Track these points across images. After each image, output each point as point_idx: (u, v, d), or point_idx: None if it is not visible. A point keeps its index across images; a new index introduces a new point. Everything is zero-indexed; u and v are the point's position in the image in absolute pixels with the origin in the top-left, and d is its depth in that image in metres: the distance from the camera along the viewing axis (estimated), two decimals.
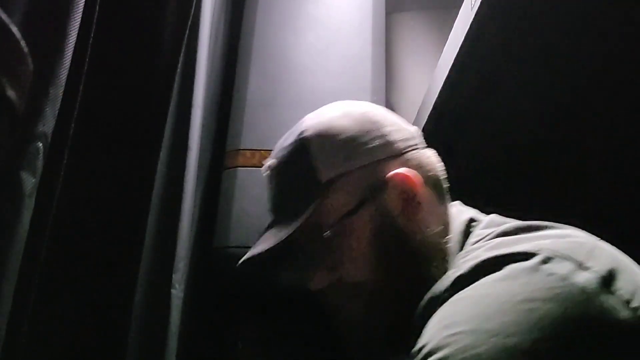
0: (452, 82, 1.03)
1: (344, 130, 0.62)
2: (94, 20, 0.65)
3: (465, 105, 1.09)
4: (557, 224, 0.52)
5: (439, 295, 0.48)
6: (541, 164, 1.24)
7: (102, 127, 0.79)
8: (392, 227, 0.58)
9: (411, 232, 0.58)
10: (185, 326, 0.89)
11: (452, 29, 1.01)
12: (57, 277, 0.70)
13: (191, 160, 0.95)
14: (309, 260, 0.62)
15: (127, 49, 0.84)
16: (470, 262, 0.47)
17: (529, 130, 1.15)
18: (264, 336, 1.50)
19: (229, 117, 1.38)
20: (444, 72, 1.04)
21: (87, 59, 0.63)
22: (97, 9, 0.65)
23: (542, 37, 0.87)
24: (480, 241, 0.53)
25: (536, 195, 1.32)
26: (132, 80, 0.85)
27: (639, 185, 1.17)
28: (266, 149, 1.30)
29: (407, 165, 0.61)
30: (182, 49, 0.93)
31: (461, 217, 0.60)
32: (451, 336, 0.42)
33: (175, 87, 0.94)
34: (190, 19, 0.95)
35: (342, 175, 0.59)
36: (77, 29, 0.57)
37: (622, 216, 1.26)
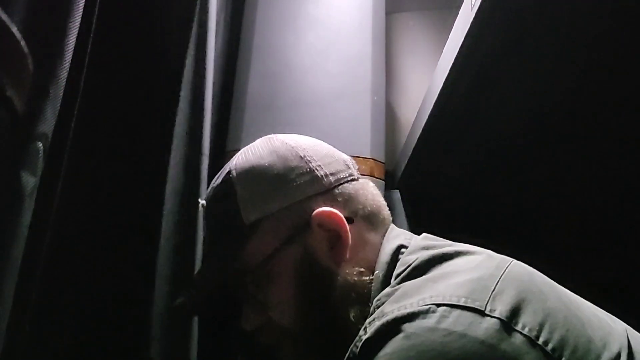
0: (452, 82, 1.03)
1: (269, 168, 0.60)
2: (94, 20, 0.65)
3: (465, 105, 1.09)
4: (471, 248, 0.52)
5: (353, 358, 0.47)
6: (541, 163, 1.24)
7: (102, 127, 0.79)
8: (316, 269, 0.57)
9: (336, 273, 0.57)
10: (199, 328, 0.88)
11: (452, 29, 1.01)
12: (58, 277, 0.70)
13: (204, 165, 0.94)
14: (238, 299, 0.61)
15: (127, 49, 0.84)
16: (376, 323, 0.46)
17: (529, 130, 1.15)
18: (264, 346, 1.49)
19: (229, 117, 1.38)
20: (444, 72, 1.04)
21: (87, 59, 0.64)
22: (97, 9, 0.65)
23: (542, 37, 0.87)
24: (400, 275, 0.52)
25: (535, 194, 1.32)
26: (132, 80, 0.85)
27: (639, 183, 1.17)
28: None
29: (336, 200, 0.59)
30: (189, 49, 0.92)
31: (389, 246, 0.58)
32: None
33: (185, 92, 0.92)
34: (189, 17, 0.95)
35: (266, 217, 0.57)
36: (77, 30, 0.58)
37: (621, 214, 1.26)
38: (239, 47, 1.46)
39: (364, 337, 0.46)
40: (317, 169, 0.60)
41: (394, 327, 0.44)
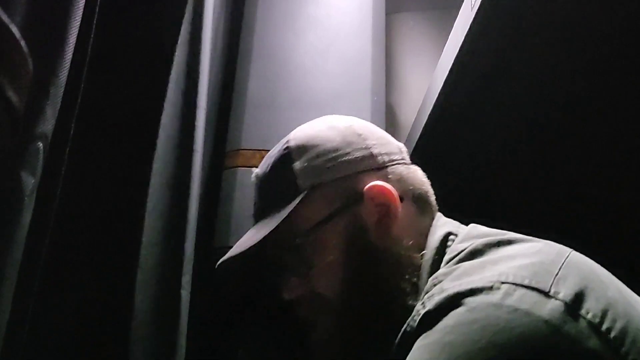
0: (452, 82, 1.03)
1: (327, 141, 0.62)
2: (94, 20, 0.65)
3: (465, 105, 1.09)
4: (528, 237, 0.51)
5: (410, 332, 0.47)
6: (541, 163, 1.24)
7: (102, 127, 0.80)
8: (365, 239, 0.58)
9: (383, 245, 0.57)
10: (189, 326, 0.89)
11: (452, 29, 1.01)
12: (58, 277, 0.70)
13: (196, 162, 0.95)
14: (283, 267, 0.61)
15: (127, 49, 0.84)
16: (435, 298, 0.46)
17: (529, 130, 1.15)
18: (264, 340, 1.50)
19: (229, 117, 1.38)
20: (444, 72, 1.04)
21: (87, 59, 0.64)
22: (97, 9, 0.65)
23: (543, 37, 0.87)
24: (453, 259, 0.52)
25: (536, 194, 1.32)
26: (132, 80, 0.85)
27: None
28: (266, 149, 1.29)
29: (388, 178, 0.61)
30: (176, 47, 0.93)
31: (438, 232, 0.59)
32: None
33: (179, 89, 0.93)
34: (190, 18, 0.95)
35: (320, 184, 0.59)
36: (77, 30, 0.58)
37: (626, 212, 1.26)
38: (239, 47, 1.46)
39: (423, 311, 0.46)
40: (372, 147, 0.62)
41: (456, 300, 0.44)
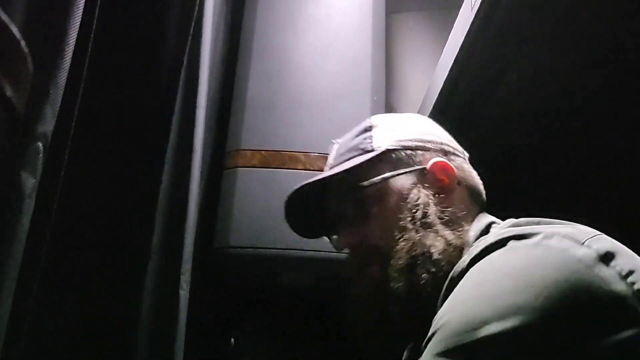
0: (452, 82, 1.03)
1: (405, 121, 0.74)
2: (94, 20, 0.65)
3: (465, 105, 1.09)
4: (564, 221, 0.55)
5: (456, 277, 0.53)
6: (541, 164, 1.24)
7: (102, 127, 0.79)
8: (421, 201, 0.64)
9: (436, 210, 0.64)
10: (188, 325, 0.89)
11: (452, 29, 1.01)
12: (58, 277, 0.70)
13: (196, 161, 0.95)
14: (342, 214, 0.68)
15: (127, 50, 0.84)
16: (480, 245, 0.53)
17: (529, 130, 1.15)
18: (258, 333, 1.50)
19: (229, 117, 1.38)
20: (444, 72, 1.04)
21: (87, 60, 0.63)
22: (97, 9, 0.65)
23: (542, 37, 0.87)
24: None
25: (537, 195, 1.32)
26: (132, 80, 0.85)
27: None
28: (266, 149, 1.30)
29: (451, 162, 0.69)
30: (187, 49, 0.93)
31: (484, 220, 0.65)
32: (459, 305, 0.47)
33: (179, 88, 0.93)
34: (194, 19, 0.95)
35: (392, 150, 0.68)
36: (77, 30, 0.57)
37: (626, 215, 1.26)
38: (239, 47, 1.46)
39: (470, 257, 0.52)
40: (442, 137, 0.72)
41: (500, 244, 0.50)
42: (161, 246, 0.88)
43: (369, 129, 0.71)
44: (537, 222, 0.54)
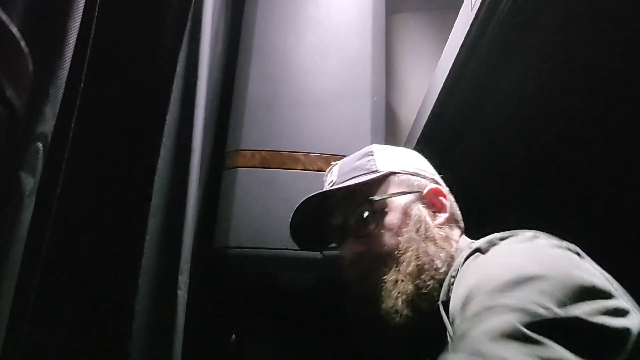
0: (452, 83, 1.03)
1: (401, 152, 0.85)
2: (94, 20, 0.65)
3: (465, 105, 1.09)
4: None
5: (455, 275, 0.64)
6: (540, 165, 1.24)
7: (102, 127, 0.79)
8: (422, 217, 0.75)
9: (433, 226, 0.75)
10: (186, 326, 0.90)
11: (452, 29, 1.01)
12: (57, 277, 0.70)
13: (194, 161, 0.95)
14: (349, 223, 0.77)
15: (127, 49, 0.84)
16: (478, 242, 0.64)
17: (528, 131, 1.15)
18: (258, 333, 1.50)
19: (229, 117, 1.38)
20: (444, 73, 1.04)
21: (87, 60, 0.63)
22: (97, 9, 0.65)
23: (542, 37, 0.87)
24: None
25: (534, 197, 1.32)
26: (132, 80, 0.85)
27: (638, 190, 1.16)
28: (266, 149, 1.30)
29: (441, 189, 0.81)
30: (181, 48, 0.93)
31: (467, 239, 0.76)
32: (483, 276, 0.57)
33: (178, 88, 0.94)
34: (189, 18, 0.95)
35: (396, 172, 0.78)
36: (77, 30, 0.57)
37: (620, 220, 1.26)
38: (239, 48, 1.46)
39: (473, 248, 0.63)
40: (431, 169, 0.84)
41: (500, 239, 0.62)
42: (160, 246, 0.88)
43: (371, 154, 0.81)
44: (511, 235, 0.65)
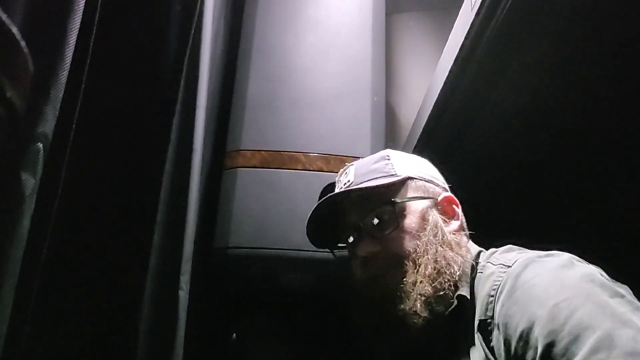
0: (452, 83, 1.03)
1: (416, 159, 0.87)
2: (95, 20, 0.65)
3: (465, 106, 1.09)
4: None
5: (498, 287, 0.66)
6: (540, 165, 1.24)
7: (102, 128, 0.79)
8: (438, 223, 0.77)
9: (448, 232, 0.77)
10: (187, 326, 0.90)
11: (452, 29, 1.01)
12: (58, 277, 0.70)
13: (195, 161, 0.95)
14: (367, 223, 0.78)
15: (128, 49, 0.84)
16: (512, 259, 0.68)
17: (528, 131, 1.15)
18: (259, 330, 1.50)
19: (229, 117, 1.38)
20: (444, 73, 1.04)
21: (87, 60, 0.63)
22: (98, 9, 0.65)
23: (542, 37, 0.87)
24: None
25: (534, 198, 1.32)
26: (132, 80, 0.85)
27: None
28: (266, 149, 1.30)
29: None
30: (188, 49, 0.93)
31: (475, 247, 0.80)
32: (538, 312, 0.59)
33: (179, 88, 0.93)
34: (195, 20, 0.95)
35: (412, 178, 0.80)
36: (77, 30, 0.57)
37: (620, 220, 1.26)
38: (239, 48, 1.46)
39: (507, 266, 0.67)
40: (442, 179, 0.87)
41: (529, 260, 0.65)
42: (161, 246, 0.88)
43: (387, 158, 0.83)
44: (509, 249, 0.72)
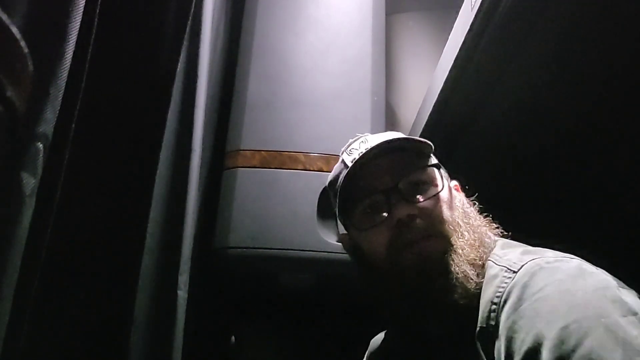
0: (452, 83, 1.03)
1: None
2: (95, 21, 0.65)
3: (465, 106, 1.09)
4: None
5: (503, 292, 0.63)
6: (540, 165, 1.24)
7: (102, 127, 0.79)
8: (461, 197, 0.79)
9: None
10: (186, 326, 0.90)
11: (452, 29, 1.01)
12: (57, 277, 0.70)
13: (194, 161, 0.95)
14: (404, 186, 0.75)
15: (128, 50, 0.84)
16: (517, 262, 0.65)
17: (528, 131, 1.15)
18: (258, 334, 1.50)
19: (229, 117, 1.38)
20: (444, 73, 1.04)
21: (87, 60, 0.63)
22: (97, 9, 0.65)
23: (542, 37, 0.87)
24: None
25: (534, 197, 1.32)
26: (132, 80, 0.85)
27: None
28: (266, 149, 1.30)
29: None
30: (182, 48, 0.93)
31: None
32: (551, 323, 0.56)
33: (178, 88, 0.94)
34: (189, 19, 0.95)
35: (439, 166, 0.79)
36: (77, 30, 0.57)
37: (620, 220, 1.26)
38: (239, 48, 1.46)
39: (513, 270, 0.64)
40: None
41: (537, 267, 0.62)
42: (160, 247, 0.88)
43: (430, 147, 0.81)
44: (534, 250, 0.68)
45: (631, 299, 0.58)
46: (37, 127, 0.52)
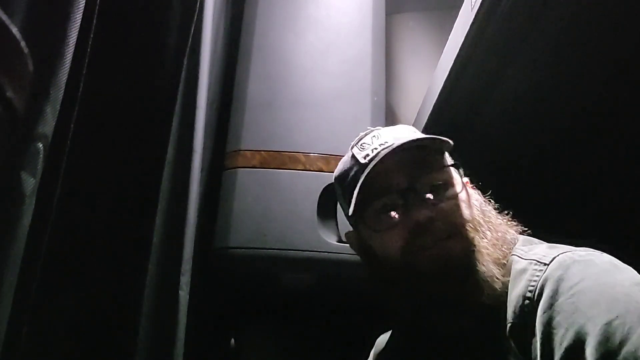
0: (452, 83, 1.03)
1: None
2: (95, 21, 0.65)
3: (465, 105, 1.09)
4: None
5: (534, 290, 0.61)
6: (540, 165, 1.24)
7: (102, 128, 0.80)
8: (477, 196, 0.76)
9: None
10: (187, 326, 0.90)
11: (452, 29, 1.01)
12: (57, 277, 0.70)
13: (195, 162, 0.95)
14: (421, 186, 0.72)
15: (128, 50, 0.84)
16: (547, 255, 0.64)
17: (528, 131, 1.15)
18: (258, 334, 1.50)
19: (229, 118, 1.38)
20: (444, 73, 1.04)
21: (87, 60, 0.63)
22: (97, 10, 0.65)
23: (542, 37, 0.87)
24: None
25: (534, 197, 1.32)
26: (132, 81, 0.85)
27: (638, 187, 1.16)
28: (266, 149, 1.30)
29: None
30: (187, 49, 0.93)
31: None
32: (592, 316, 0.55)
33: (179, 88, 0.93)
34: (194, 19, 0.95)
35: (455, 165, 0.77)
36: (77, 30, 0.57)
37: (619, 220, 1.26)
38: (239, 48, 1.46)
39: (543, 263, 0.63)
40: None
41: (570, 260, 0.61)
42: (161, 247, 0.88)
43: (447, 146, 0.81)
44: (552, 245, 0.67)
45: None
46: (37, 127, 0.52)
